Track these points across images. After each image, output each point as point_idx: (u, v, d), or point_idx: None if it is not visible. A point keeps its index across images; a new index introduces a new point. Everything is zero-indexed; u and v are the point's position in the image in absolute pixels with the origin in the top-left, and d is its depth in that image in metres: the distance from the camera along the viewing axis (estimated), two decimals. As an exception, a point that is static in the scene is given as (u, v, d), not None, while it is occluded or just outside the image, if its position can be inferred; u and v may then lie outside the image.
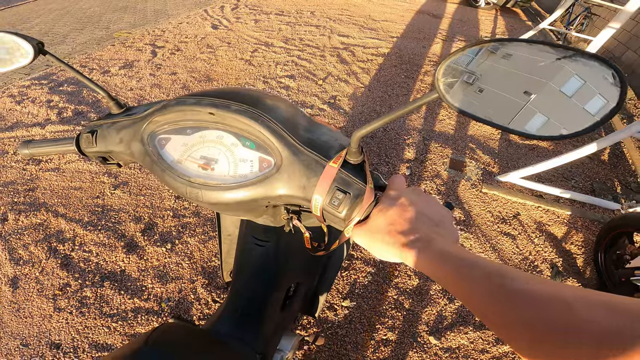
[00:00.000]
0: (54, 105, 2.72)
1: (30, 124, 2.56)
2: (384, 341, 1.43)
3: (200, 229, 1.82)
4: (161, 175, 0.57)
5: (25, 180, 2.15)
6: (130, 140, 0.60)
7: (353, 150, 0.50)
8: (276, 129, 0.53)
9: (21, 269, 1.71)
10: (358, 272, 1.62)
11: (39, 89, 2.91)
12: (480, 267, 0.33)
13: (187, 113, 0.56)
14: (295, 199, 0.55)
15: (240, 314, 1.02)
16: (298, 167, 0.53)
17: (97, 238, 1.81)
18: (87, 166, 2.19)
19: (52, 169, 2.20)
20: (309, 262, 1.14)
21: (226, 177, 0.56)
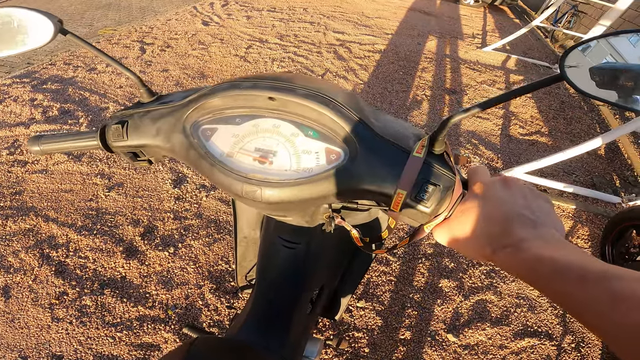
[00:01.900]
0: (38, 104, 2.58)
1: (13, 124, 2.42)
2: (402, 341, 1.40)
3: (204, 231, 1.74)
4: (210, 171, 0.49)
5: (11, 183, 2.02)
6: (170, 131, 0.52)
7: (439, 138, 0.45)
8: (350, 115, 0.47)
9: (12, 277, 1.59)
10: (371, 272, 1.58)
11: (21, 87, 2.76)
12: (576, 270, 0.30)
13: (239, 98, 0.49)
14: (372, 194, 0.48)
15: (266, 320, 0.96)
16: (377, 158, 0.46)
17: (93, 243, 1.71)
18: (78, 167, 2.08)
19: (39, 171, 2.07)
20: (335, 264, 1.09)
21: (288, 171, 0.49)
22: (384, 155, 0.46)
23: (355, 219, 0.88)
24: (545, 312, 1.54)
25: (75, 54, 3.30)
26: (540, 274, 0.33)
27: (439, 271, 1.60)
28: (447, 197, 0.44)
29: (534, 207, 0.39)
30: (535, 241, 0.35)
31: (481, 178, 0.43)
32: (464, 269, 1.62)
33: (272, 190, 0.48)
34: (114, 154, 0.58)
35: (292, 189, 0.49)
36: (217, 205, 1.85)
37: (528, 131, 2.75)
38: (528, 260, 0.34)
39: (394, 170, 0.46)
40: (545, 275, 0.32)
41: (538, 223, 0.37)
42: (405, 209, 0.45)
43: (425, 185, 0.44)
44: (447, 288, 1.56)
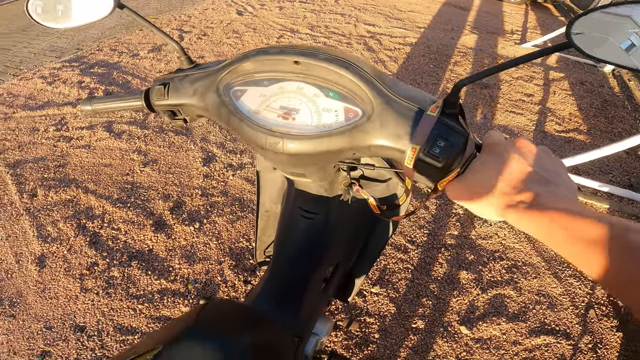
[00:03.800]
0: (86, 86, 2.70)
1: (62, 103, 2.55)
2: (413, 329, 1.36)
3: (229, 209, 1.76)
4: (239, 125, 0.54)
5: (56, 157, 2.13)
6: (205, 92, 0.58)
7: (451, 100, 0.46)
8: (368, 77, 0.51)
9: (49, 246, 1.69)
10: (388, 258, 1.54)
11: (70, 70, 2.91)
12: (594, 221, 0.30)
13: (267, 63, 0.55)
14: (386, 149, 0.51)
15: (280, 293, 0.96)
16: (392, 115, 0.49)
17: (126, 215, 1.78)
18: (117, 143, 2.17)
19: (82, 146, 2.18)
20: (351, 240, 1.07)
21: (309, 126, 0.53)
22: (399, 114, 0.49)
23: (374, 191, 0.85)
24: (566, 311, 1.44)
25: (121, 41, 3.43)
26: (552, 228, 0.32)
27: (458, 262, 1.54)
28: (460, 153, 0.45)
29: (548, 167, 0.39)
30: (547, 197, 0.35)
31: (495, 140, 0.43)
32: (484, 262, 1.55)
33: (294, 143, 0.53)
34: (154, 113, 0.67)
35: (311, 141, 0.53)
36: (242, 184, 1.87)
37: (565, 128, 2.57)
38: (540, 215, 0.34)
39: (408, 128, 0.48)
40: (558, 230, 0.32)
41: (551, 182, 0.37)
42: (419, 164, 0.47)
43: (438, 140, 0.45)
44: (465, 280, 1.49)
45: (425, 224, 1.65)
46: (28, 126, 2.39)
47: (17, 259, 1.65)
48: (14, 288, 1.55)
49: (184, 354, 0.58)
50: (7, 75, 3.00)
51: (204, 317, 0.68)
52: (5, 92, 2.76)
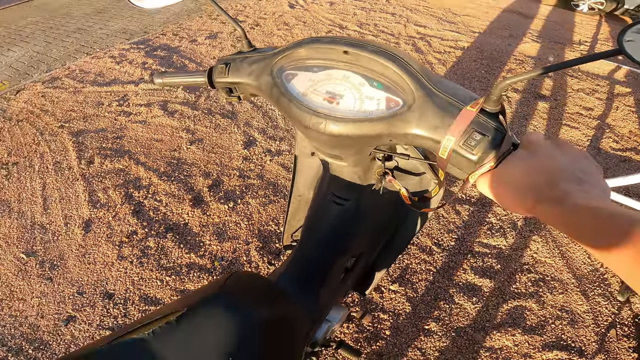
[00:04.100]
0: (148, 67, 2.89)
1: (126, 82, 2.76)
2: (425, 331, 1.32)
3: (262, 192, 1.81)
4: (287, 105, 0.59)
5: (115, 129, 2.31)
6: (260, 73, 0.63)
7: (493, 99, 0.47)
8: (412, 70, 0.53)
9: (97, 212, 1.83)
10: (412, 258, 1.51)
11: (136, 52, 3.13)
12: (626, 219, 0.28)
13: (319, 51, 0.59)
14: (422, 139, 0.52)
15: (302, 275, 0.98)
16: (432, 108, 0.51)
17: (169, 188, 1.89)
18: (170, 121, 2.30)
19: (139, 121, 2.34)
20: (377, 231, 1.06)
21: (351, 111, 0.56)
22: (439, 107, 0.50)
23: (407, 184, 0.85)
24: (586, 328, 1.33)
25: (182, 27, 3.63)
26: (583, 224, 0.32)
27: (483, 270, 1.47)
28: (494, 148, 0.45)
29: (584, 168, 0.38)
30: (579, 195, 0.35)
31: (533, 139, 0.43)
32: (511, 272, 1.47)
33: (335, 124, 0.56)
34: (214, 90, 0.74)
35: (352, 124, 0.55)
36: (278, 170, 1.91)
37: (622, 146, 2.35)
38: (570, 211, 0.33)
39: (446, 120, 0.49)
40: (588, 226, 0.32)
41: (585, 182, 0.37)
42: (453, 156, 0.48)
43: (474, 134, 0.46)
44: (487, 288, 1.42)
45: (454, 228, 1.59)
46: (94, 100, 2.61)
47: (66, 222, 1.81)
48: (58, 251, 1.70)
49: (205, 318, 0.62)
50: (81, 54, 3.29)
51: (229, 286, 0.71)
52: (77, 69, 3.03)
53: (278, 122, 2.20)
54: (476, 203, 1.66)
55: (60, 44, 3.57)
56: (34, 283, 1.58)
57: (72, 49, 3.43)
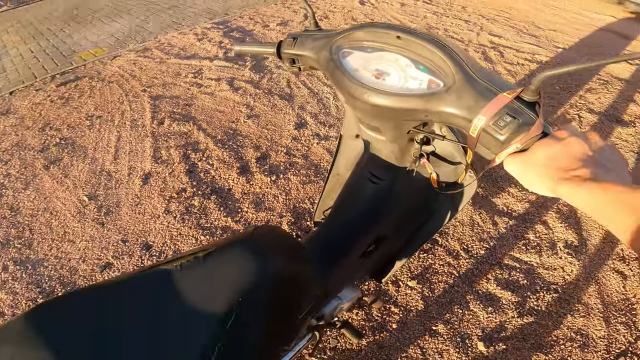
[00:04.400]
0: (223, 46, 3.11)
1: (203, 57, 2.99)
2: (431, 331, 1.27)
3: (305, 171, 1.87)
4: (340, 78, 0.67)
5: (186, 98, 2.53)
6: (321, 49, 0.72)
7: (532, 89, 0.49)
8: (457, 58, 0.58)
9: (157, 167, 2.01)
10: (436, 259, 1.45)
11: (216, 31, 3.37)
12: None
13: (375, 34, 0.66)
14: (455, 117, 0.56)
15: (326, 245, 1.01)
16: (469, 91, 0.55)
17: (222, 155, 2.02)
18: (233, 96, 2.46)
19: (208, 93, 2.53)
20: (405, 216, 1.05)
21: (395, 87, 0.63)
22: (476, 91, 0.54)
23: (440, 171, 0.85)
24: (596, 353, 1.19)
25: (259, 12, 3.83)
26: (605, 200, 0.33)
27: (507, 283, 1.37)
28: (524, 131, 0.47)
29: (610, 157, 0.40)
30: (604, 176, 0.36)
31: (566, 128, 0.44)
32: (536, 289, 1.35)
33: (377, 95, 0.62)
34: (280, 60, 0.84)
35: (392, 97, 0.61)
36: (323, 153, 1.95)
37: None
38: (594, 187, 0.34)
39: (480, 102, 0.52)
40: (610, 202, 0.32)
41: (610, 170, 0.38)
42: (482, 135, 0.52)
43: (505, 116, 0.49)
44: (506, 301, 1.32)
45: (487, 238, 1.50)
46: (174, 71, 2.87)
47: (129, 172, 2.02)
48: (116, 198, 1.89)
49: (229, 259, 0.67)
50: (171, 29, 3.63)
51: (258, 235, 0.76)
52: (166, 42, 3.35)
53: (331, 110, 2.23)
54: (517, 217, 1.55)
55: (156, 19, 3.98)
56: (87, 226, 1.78)
57: (165, 24, 3.80)
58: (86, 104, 2.64)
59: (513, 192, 1.65)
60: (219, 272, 0.65)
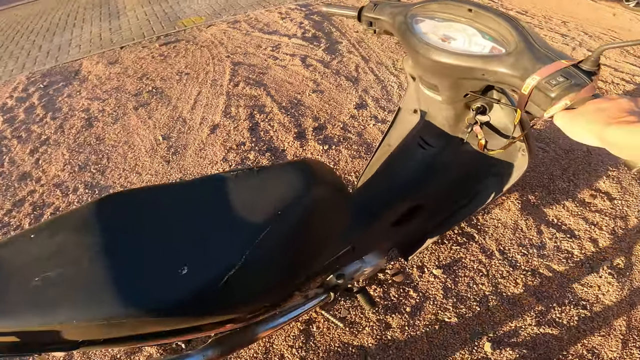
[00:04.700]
0: (302, 27, 3.24)
1: (283, 34, 3.15)
2: (442, 322, 1.23)
3: (356, 147, 1.90)
4: (409, 38, 0.75)
5: (262, 68, 2.70)
6: (397, 15, 0.81)
7: (592, 59, 0.51)
8: (522, 30, 0.63)
9: (225, 120, 2.20)
10: (468, 254, 1.40)
11: (298, 12, 3.52)
12: None
13: (447, 6, 0.74)
14: (510, 77, 0.60)
15: (362, 204, 1.03)
16: (528, 56, 0.58)
17: (283, 119, 2.14)
18: (303, 71, 2.57)
19: (281, 65, 2.68)
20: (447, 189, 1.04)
21: (459, 49, 0.69)
22: (535, 57, 0.58)
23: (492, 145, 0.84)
24: None
25: (342, 1, 3.91)
26: None
27: (535, 291, 1.28)
28: (574, 91, 0.49)
29: None
30: None
31: (616, 95, 0.45)
32: (563, 303, 1.24)
33: (442, 53, 0.69)
34: (360, 23, 0.93)
35: (455, 56, 0.68)
36: (377, 134, 1.97)
37: None
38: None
39: (537, 66, 0.56)
40: None
41: None
42: (533, 93, 0.55)
43: (558, 77, 0.52)
44: (529, 308, 1.23)
45: (527, 244, 1.40)
46: (256, 43, 3.07)
47: (201, 122, 2.24)
48: (185, 141, 2.10)
49: (280, 175, 0.74)
50: (259, 7, 3.87)
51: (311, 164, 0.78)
52: (253, 18, 3.58)
53: (393, 97, 2.23)
54: (566, 231, 1.43)
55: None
56: (155, 162, 2.01)
57: (255, 1, 4.06)
58: (179, 63, 2.95)
59: (568, 207, 1.51)
60: (267, 186, 0.71)
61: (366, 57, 2.63)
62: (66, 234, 0.65)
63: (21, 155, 2.26)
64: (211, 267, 0.61)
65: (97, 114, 2.48)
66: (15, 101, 2.80)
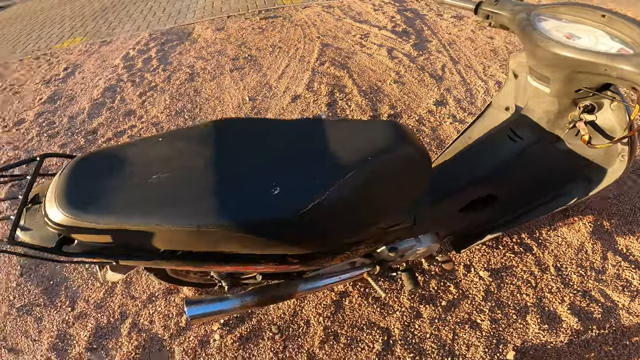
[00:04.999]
0: (394, 21, 3.23)
1: (373, 25, 3.19)
2: (473, 323, 1.21)
3: (428, 140, 1.90)
4: (530, 32, 0.78)
5: (349, 52, 2.77)
6: (519, 12, 0.84)
7: None
8: None
9: (306, 93, 2.32)
10: (521, 263, 1.35)
11: (391, 6, 3.52)
12: None
13: (577, 10, 0.78)
14: (634, 74, 0.63)
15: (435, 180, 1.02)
16: None
17: (360, 101, 2.20)
18: (388, 62, 2.60)
19: (367, 53, 2.73)
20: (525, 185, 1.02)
21: (583, 46, 0.72)
22: None
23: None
24: None
25: (438, 3, 3.81)
26: None
27: (580, 311, 1.20)
28: None
29: None
30: None
31: None
32: (604, 325, 1.15)
33: (562, 47, 0.72)
34: (475, 15, 0.95)
35: (578, 50, 0.70)
36: (452, 133, 1.94)
37: None
38: None
39: None
40: None
41: None
42: None
43: None
44: (566, 325, 1.16)
45: (588, 266, 1.31)
46: (346, 29, 3.15)
47: (285, 90, 2.38)
48: (267, 105, 2.25)
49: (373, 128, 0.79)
50: (356, -3, 3.93)
51: (403, 126, 0.82)
52: (347, 5, 3.66)
53: (476, 101, 2.16)
54: (633, 262, 1.31)
55: (345, -13, 4.34)
56: None
57: (350, -8, 4.13)
58: (274, 36, 3.15)
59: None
60: (362, 136, 0.76)
61: (455, 59, 2.57)
62: (184, 144, 0.75)
63: (131, 96, 2.61)
64: (299, 194, 0.68)
65: (199, 71, 2.76)
66: (136, 52, 3.22)
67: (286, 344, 1.22)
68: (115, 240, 0.66)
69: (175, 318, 1.33)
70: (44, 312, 1.41)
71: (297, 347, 1.21)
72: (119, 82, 2.79)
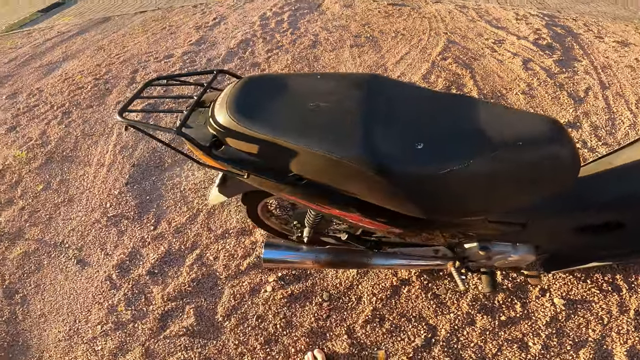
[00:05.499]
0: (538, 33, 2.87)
1: (511, 32, 2.88)
2: (523, 344, 1.11)
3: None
4: None
5: (476, 53, 2.55)
6: None
7: None
8: None
9: (421, 82, 2.22)
10: (602, 302, 1.19)
11: (539, 19, 3.12)
12: None
13: None
14: None
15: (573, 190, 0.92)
16: None
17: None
18: (520, 71, 2.33)
19: (497, 59, 2.49)
20: None
21: None
22: None
23: None
24: None
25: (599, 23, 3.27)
26: None
27: (635, 355, 0.99)
28: None
29: None
30: None
31: None
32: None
33: None
34: None
35: None
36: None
37: None
38: None
39: None
40: None
41: None
42: None
43: None
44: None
45: None
46: (479, 31, 2.90)
47: (400, 75, 2.30)
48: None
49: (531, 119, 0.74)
50: (493, 1, 3.59)
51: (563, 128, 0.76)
52: (484, 9, 3.36)
53: (617, 133, 1.80)
54: None
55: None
56: None
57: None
58: (399, 23, 3.06)
59: None
60: (518, 121, 0.73)
61: (605, 84, 2.18)
62: (341, 85, 0.79)
63: (260, 51, 2.80)
64: (442, 154, 0.67)
65: (322, 40, 2.84)
66: (272, 14, 3.45)
67: (330, 314, 1.20)
68: (260, 152, 0.71)
69: (239, 260, 1.37)
70: (129, 227, 1.49)
71: (340, 319, 1.19)
72: (253, 37, 3.02)
